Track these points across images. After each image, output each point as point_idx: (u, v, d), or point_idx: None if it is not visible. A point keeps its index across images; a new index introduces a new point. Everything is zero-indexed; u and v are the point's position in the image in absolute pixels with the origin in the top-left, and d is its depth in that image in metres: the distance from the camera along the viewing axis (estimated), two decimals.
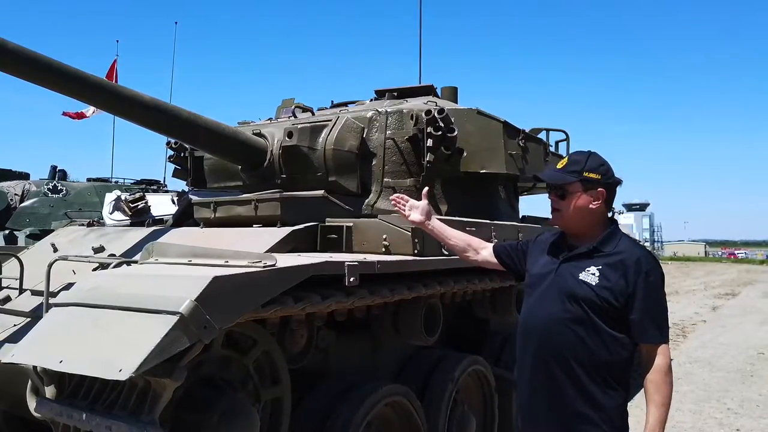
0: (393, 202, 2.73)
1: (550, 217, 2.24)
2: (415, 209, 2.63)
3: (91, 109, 12.37)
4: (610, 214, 2.30)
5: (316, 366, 3.01)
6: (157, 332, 1.72)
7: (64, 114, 12.93)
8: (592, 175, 2.10)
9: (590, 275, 2.03)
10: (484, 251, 2.57)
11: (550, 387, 2.06)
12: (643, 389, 2.01)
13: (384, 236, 2.99)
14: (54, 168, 9.99)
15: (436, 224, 2.66)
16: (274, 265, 2.09)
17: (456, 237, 2.65)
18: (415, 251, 2.98)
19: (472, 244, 2.61)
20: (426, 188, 2.73)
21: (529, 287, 2.25)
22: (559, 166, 2.18)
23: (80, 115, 12.79)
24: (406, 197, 2.68)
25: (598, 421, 2.00)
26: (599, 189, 2.11)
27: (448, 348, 3.87)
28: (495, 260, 2.52)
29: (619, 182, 2.18)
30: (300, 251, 2.94)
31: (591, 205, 2.11)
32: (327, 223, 3.18)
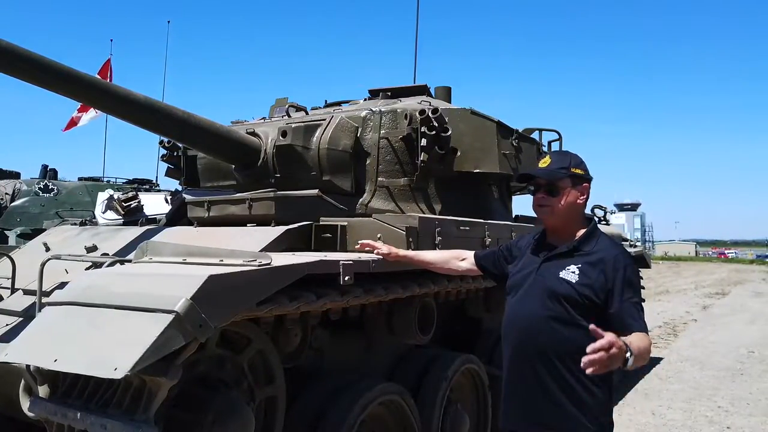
0: (361, 246, 2.83)
1: (536, 212, 2.27)
2: (383, 247, 2.74)
3: (89, 116, 12.33)
4: (602, 214, 2.36)
5: (311, 365, 3.02)
6: (152, 331, 1.72)
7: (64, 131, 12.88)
8: (578, 171, 2.19)
9: (570, 273, 2.08)
10: (466, 261, 2.66)
11: (533, 384, 2.09)
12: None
13: (378, 235, 2.99)
14: (45, 167, 9.92)
15: (410, 252, 2.82)
16: (269, 264, 2.09)
17: (434, 255, 2.79)
18: (410, 250, 2.99)
19: (452, 257, 2.72)
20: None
21: (511, 288, 2.28)
22: (544, 164, 2.22)
23: (72, 123, 12.73)
24: (372, 243, 2.79)
25: (581, 417, 2.03)
26: (584, 184, 2.21)
27: (442, 347, 3.88)
28: (476, 268, 2.62)
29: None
30: (294, 250, 2.94)
31: (578, 201, 2.20)
32: (321, 222, 3.18)
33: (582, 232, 2.19)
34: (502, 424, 2.27)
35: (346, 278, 2.43)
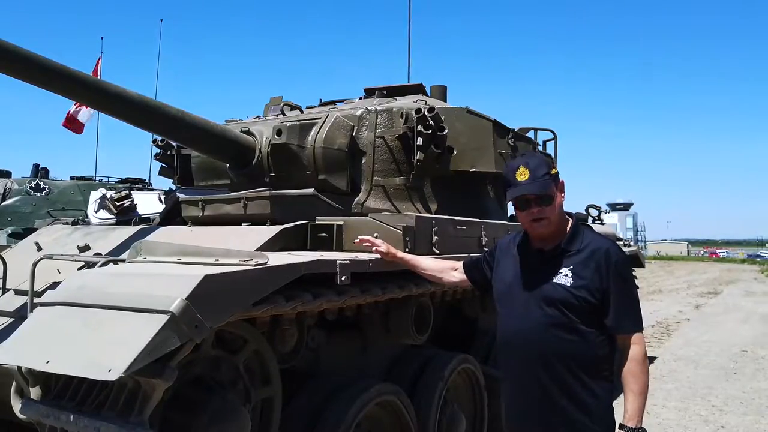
0: (360, 241, 2.77)
1: (530, 229, 2.16)
2: (382, 245, 2.70)
3: (86, 115, 12.22)
4: (597, 213, 2.34)
5: (307, 365, 2.99)
6: (147, 331, 1.69)
7: (64, 125, 12.72)
8: (555, 171, 2.14)
9: (564, 277, 2.06)
10: (458, 272, 2.63)
11: (537, 391, 2.08)
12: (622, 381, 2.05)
13: (375, 234, 2.97)
14: (36, 166, 9.83)
15: (407, 255, 2.77)
16: (265, 264, 2.07)
17: (430, 263, 2.74)
18: (406, 250, 2.97)
19: (447, 267, 2.68)
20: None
21: (501, 296, 2.25)
22: (525, 177, 2.08)
23: (79, 128, 12.58)
24: (372, 239, 2.74)
25: (587, 421, 2.03)
26: (561, 180, 2.18)
27: (438, 347, 3.86)
28: (467, 278, 2.59)
29: None
30: (290, 250, 2.92)
31: (562, 200, 2.17)
32: (317, 222, 3.15)
33: (567, 231, 2.15)
34: (506, 428, 2.26)
35: (343, 278, 2.40)
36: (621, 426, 2.00)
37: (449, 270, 2.66)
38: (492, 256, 2.42)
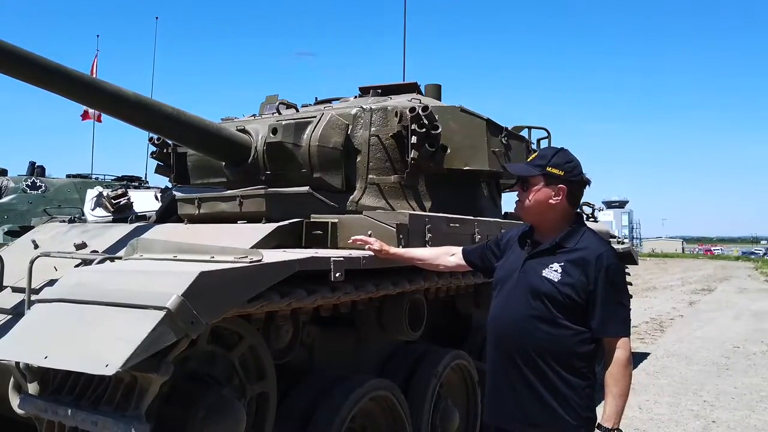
0: (353, 241, 2.82)
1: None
2: (375, 243, 2.75)
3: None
4: (590, 211, 2.37)
5: (301, 361, 3.03)
6: (143, 327, 1.72)
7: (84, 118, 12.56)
8: (554, 171, 2.15)
9: (553, 272, 2.09)
10: (455, 257, 2.69)
11: (516, 382, 2.11)
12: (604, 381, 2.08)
13: (369, 232, 3.00)
14: (32, 164, 9.82)
15: (400, 250, 2.85)
16: (260, 261, 2.10)
17: (425, 252, 2.82)
18: (400, 247, 3.01)
19: (442, 253, 2.75)
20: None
21: (496, 284, 2.30)
22: (529, 159, 2.27)
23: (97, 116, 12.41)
24: (365, 239, 2.79)
25: (563, 413, 2.05)
26: (560, 185, 2.16)
27: (432, 343, 3.90)
28: (465, 263, 2.66)
29: (586, 182, 2.23)
30: (285, 247, 2.95)
31: (551, 200, 2.16)
32: (312, 220, 3.19)
33: (566, 229, 2.18)
34: (486, 419, 2.31)
35: (337, 275, 2.44)
36: (598, 426, 2.03)
37: (445, 255, 2.72)
38: (497, 245, 2.48)
